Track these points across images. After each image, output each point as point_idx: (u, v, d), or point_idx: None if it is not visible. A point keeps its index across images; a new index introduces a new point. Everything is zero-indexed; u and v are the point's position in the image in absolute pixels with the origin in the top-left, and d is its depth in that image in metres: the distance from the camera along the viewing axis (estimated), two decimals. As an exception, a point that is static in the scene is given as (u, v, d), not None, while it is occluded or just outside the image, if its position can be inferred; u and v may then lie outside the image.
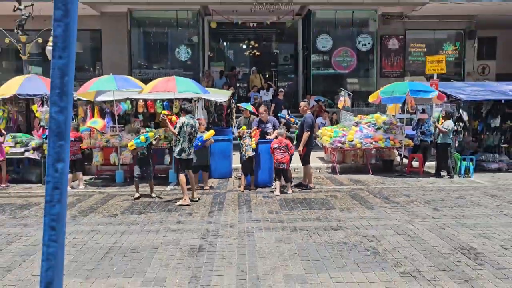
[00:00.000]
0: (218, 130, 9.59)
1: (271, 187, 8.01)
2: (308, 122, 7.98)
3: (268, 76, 17.99)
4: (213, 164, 9.00)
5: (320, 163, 10.59)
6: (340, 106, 12.00)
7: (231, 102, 11.98)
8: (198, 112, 9.51)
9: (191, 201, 6.97)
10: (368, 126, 10.30)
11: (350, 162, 10.47)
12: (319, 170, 10.07)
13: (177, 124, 7.03)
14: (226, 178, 9.13)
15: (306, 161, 8.13)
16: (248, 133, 8.12)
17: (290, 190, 7.71)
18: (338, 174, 9.66)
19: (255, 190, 7.92)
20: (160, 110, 9.73)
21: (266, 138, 8.30)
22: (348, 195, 7.49)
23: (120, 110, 9.64)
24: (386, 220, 5.88)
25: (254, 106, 10.99)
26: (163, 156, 9.42)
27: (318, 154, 11.24)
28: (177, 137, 6.98)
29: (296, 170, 9.49)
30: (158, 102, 9.92)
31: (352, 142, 9.73)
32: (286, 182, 7.85)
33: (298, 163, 8.67)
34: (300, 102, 9.82)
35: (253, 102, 13.33)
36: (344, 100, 11.68)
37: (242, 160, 8.03)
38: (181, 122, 6.98)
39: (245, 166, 8.00)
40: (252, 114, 9.82)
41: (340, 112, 12.16)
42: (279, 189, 7.64)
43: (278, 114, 10.23)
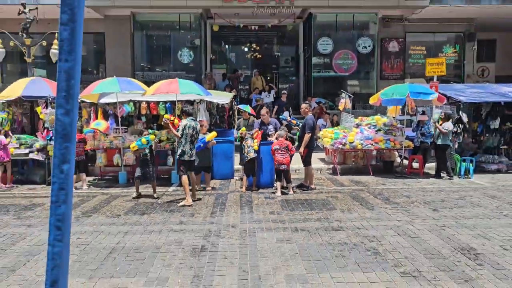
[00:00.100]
0: (220, 131, 9.65)
1: (273, 188, 8.07)
2: (309, 123, 8.04)
3: (269, 78, 18.06)
4: (215, 165, 9.06)
5: (321, 164, 10.64)
6: (341, 108, 12.05)
7: (233, 104, 12.06)
8: (201, 114, 9.57)
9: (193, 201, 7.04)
10: (368, 128, 10.36)
11: (350, 163, 10.52)
12: (320, 171, 10.12)
13: (179, 126, 7.12)
14: (228, 179, 9.18)
15: (307, 162, 8.19)
16: (250, 134, 8.18)
17: (291, 191, 7.77)
18: (339, 175, 9.71)
19: (257, 191, 7.97)
20: (162, 112, 9.81)
21: (268, 140, 8.37)
22: (348, 196, 7.54)
23: (123, 112, 9.71)
24: (386, 220, 5.93)
25: (256, 108, 11.06)
26: (166, 157, 9.50)
27: (319, 155, 11.30)
28: (180, 139, 7.08)
29: (297, 171, 9.55)
30: (161, 104, 9.99)
31: (352, 143, 9.78)
32: (287, 183, 7.91)
33: (299, 164, 8.72)
34: (301, 104, 9.88)
35: (255, 104, 13.40)
36: (344, 102, 11.73)
37: (244, 161, 8.09)
38: (183, 125, 7.07)
39: (247, 167, 8.06)
40: (251, 116, 9.92)
41: (341, 114, 12.21)
42: (280, 190, 7.70)
43: (279, 116, 10.30)
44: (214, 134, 8.05)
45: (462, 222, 5.81)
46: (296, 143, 8.42)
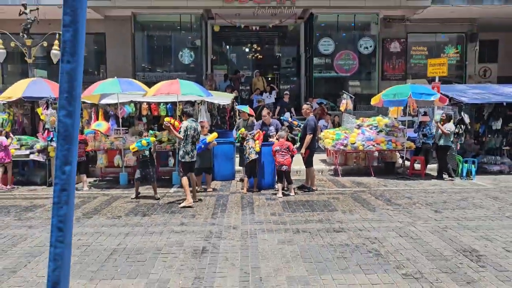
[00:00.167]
0: (221, 132, 9.64)
1: (274, 189, 8.06)
2: (310, 124, 8.02)
3: (270, 79, 18.06)
4: (216, 166, 9.05)
5: (322, 166, 10.62)
6: (342, 108, 12.04)
7: (234, 105, 12.05)
8: (202, 114, 9.57)
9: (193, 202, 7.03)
10: (370, 129, 10.34)
11: (352, 164, 10.49)
12: (322, 172, 10.10)
13: (181, 128, 7.12)
14: (229, 181, 9.17)
15: (309, 163, 8.17)
16: (251, 135, 8.17)
17: (292, 192, 7.75)
18: (340, 176, 9.69)
19: (258, 192, 7.96)
20: (163, 113, 9.81)
21: (269, 141, 8.35)
22: (350, 197, 7.52)
23: (124, 113, 9.71)
24: (388, 222, 5.91)
25: (258, 109, 11.04)
26: (167, 158, 9.49)
27: (321, 157, 11.28)
28: (181, 140, 7.08)
29: (298, 173, 9.53)
30: (162, 105, 9.99)
31: (354, 144, 9.77)
32: (289, 184, 7.90)
33: (300, 166, 8.70)
34: (302, 104, 9.87)
35: (256, 105, 13.39)
36: (346, 102, 11.72)
37: (245, 162, 8.07)
38: (184, 126, 7.07)
39: (248, 168, 8.05)
40: (250, 116, 9.89)
41: (342, 114, 12.19)
42: (282, 191, 7.69)
43: (281, 117, 10.28)
44: (215, 135, 8.04)
45: (464, 224, 5.79)
46: (297, 144, 8.40)
